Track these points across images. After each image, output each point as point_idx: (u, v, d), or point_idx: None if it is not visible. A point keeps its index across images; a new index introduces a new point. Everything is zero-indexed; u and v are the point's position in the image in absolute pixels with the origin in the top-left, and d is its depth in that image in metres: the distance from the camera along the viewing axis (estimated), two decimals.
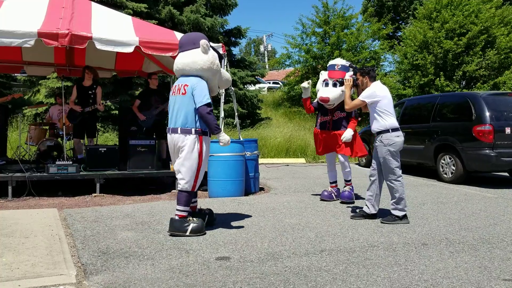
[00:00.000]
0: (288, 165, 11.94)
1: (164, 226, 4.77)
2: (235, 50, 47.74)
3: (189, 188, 4.44)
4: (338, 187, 6.59)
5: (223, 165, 6.76)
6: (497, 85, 16.75)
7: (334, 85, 6.05)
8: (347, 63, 6.20)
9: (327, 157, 6.59)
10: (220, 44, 7.25)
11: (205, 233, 4.47)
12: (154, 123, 7.87)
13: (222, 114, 7.58)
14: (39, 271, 3.31)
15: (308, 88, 6.26)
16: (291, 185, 8.16)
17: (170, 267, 3.49)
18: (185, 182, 4.42)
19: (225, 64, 6.88)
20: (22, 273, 3.25)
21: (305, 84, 6.24)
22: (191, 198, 4.55)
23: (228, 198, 6.66)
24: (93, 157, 6.90)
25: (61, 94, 7.84)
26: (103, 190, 6.72)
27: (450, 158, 8.36)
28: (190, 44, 4.51)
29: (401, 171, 5.09)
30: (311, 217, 5.34)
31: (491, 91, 10.73)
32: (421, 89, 17.80)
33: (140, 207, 5.86)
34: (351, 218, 5.27)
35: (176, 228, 4.38)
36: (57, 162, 6.63)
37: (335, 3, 21.06)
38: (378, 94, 5.07)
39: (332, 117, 6.27)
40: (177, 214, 4.44)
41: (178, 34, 7.16)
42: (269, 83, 31.51)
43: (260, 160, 9.42)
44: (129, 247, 4.01)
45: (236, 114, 8.15)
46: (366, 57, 19.55)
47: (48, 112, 9.22)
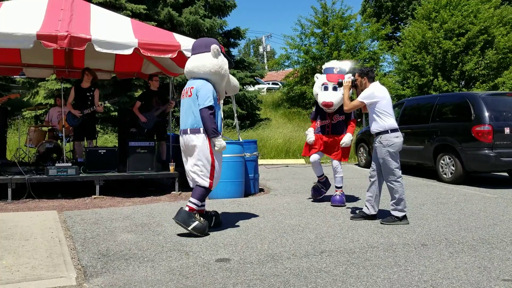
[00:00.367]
0: (287, 166, 11.95)
1: (164, 228, 4.77)
2: (234, 51, 47.66)
3: (206, 184, 4.51)
4: (326, 177, 6.53)
5: (223, 166, 6.73)
6: (497, 85, 16.78)
7: (334, 88, 5.98)
8: (349, 64, 6.16)
9: (314, 157, 6.26)
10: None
11: (208, 234, 4.50)
12: (155, 125, 7.87)
13: (221, 115, 7.57)
14: (39, 273, 3.31)
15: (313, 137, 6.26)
16: (290, 186, 8.16)
17: (170, 269, 3.49)
18: (203, 175, 4.50)
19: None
20: (22, 275, 3.25)
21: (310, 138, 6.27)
22: (206, 194, 4.61)
23: (228, 199, 6.67)
24: (92, 159, 6.91)
25: (60, 95, 7.84)
26: (102, 192, 6.72)
27: (449, 159, 8.36)
28: (202, 48, 4.66)
29: (400, 171, 5.09)
30: (311, 218, 5.34)
31: (490, 91, 10.73)
32: (420, 90, 17.83)
33: (140, 209, 5.86)
34: (351, 219, 5.27)
35: (182, 219, 4.42)
36: (57, 164, 6.63)
37: (333, 3, 21.10)
38: (377, 95, 5.06)
39: (331, 120, 6.19)
40: (188, 206, 4.50)
41: (177, 36, 7.17)
42: (268, 83, 31.56)
43: (260, 161, 9.43)
44: (129, 249, 4.01)
45: (236, 115, 8.16)
46: (365, 58, 19.59)
47: (47, 114, 9.20)
